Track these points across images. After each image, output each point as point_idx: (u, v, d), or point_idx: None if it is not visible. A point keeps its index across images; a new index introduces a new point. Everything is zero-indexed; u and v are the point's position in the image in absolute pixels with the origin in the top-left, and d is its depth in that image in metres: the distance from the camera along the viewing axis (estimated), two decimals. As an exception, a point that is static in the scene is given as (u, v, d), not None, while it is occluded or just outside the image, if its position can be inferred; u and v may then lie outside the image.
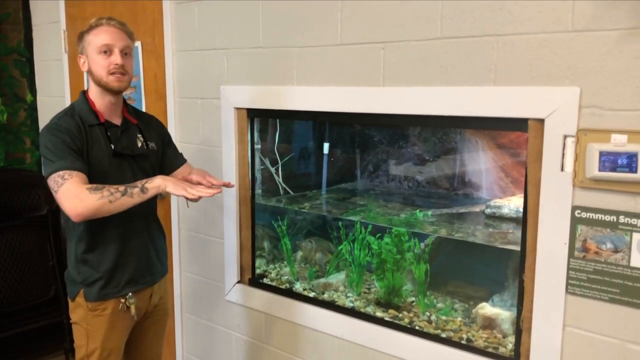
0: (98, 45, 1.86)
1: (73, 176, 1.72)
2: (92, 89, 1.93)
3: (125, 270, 1.95)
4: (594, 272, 1.58)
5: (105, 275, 1.92)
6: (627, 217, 1.52)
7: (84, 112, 1.90)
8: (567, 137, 1.58)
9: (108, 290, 1.93)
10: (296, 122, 2.83)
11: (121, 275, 1.94)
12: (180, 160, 2.18)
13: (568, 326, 1.64)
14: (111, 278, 1.93)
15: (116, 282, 1.94)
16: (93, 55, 1.87)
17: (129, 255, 1.96)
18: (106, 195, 1.70)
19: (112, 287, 1.93)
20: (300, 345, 2.34)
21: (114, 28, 1.89)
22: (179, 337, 2.91)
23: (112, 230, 1.92)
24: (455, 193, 2.59)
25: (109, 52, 1.86)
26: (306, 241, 2.67)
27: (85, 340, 1.96)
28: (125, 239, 1.95)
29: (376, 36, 1.95)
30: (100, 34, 1.87)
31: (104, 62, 1.86)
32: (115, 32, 1.88)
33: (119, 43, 1.87)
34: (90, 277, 1.91)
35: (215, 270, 2.65)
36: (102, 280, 1.91)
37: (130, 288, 1.97)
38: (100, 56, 1.86)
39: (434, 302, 2.25)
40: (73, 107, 1.93)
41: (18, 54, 3.58)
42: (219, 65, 2.47)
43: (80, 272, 1.93)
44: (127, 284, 1.96)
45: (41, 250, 3.31)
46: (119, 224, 1.91)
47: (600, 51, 1.52)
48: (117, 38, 1.88)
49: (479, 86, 1.74)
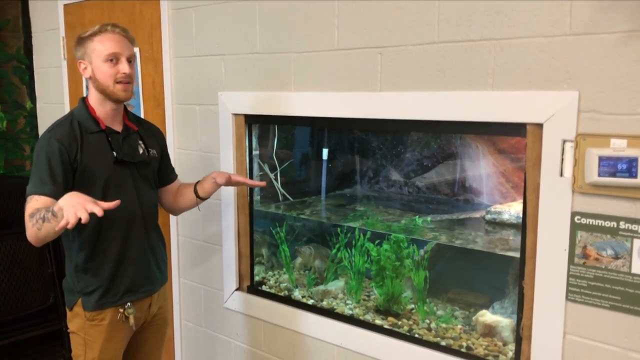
0: (105, 54, 1.82)
1: (33, 200, 1.73)
2: (93, 95, 1.90)
3: (124, 279, 1.93)
4: (594, 279, 1.56)
5: (104, 285, 1.90)
6: (627, 223, 1.50)
7: (84, 119, 1.88)
8: (566, 142, 1.56)
9: (106, 300, 1.91)
10: (295, 128, 2.82)
11: (120, 285, 1.93)
12: (173, 176, 2.17)
13: (568, 334, 1.62)
14: (110, 287, 1.91)
15: (115, 291, 1.92)
16: (98, 63, 1.84)
17: (128, 264, 1.94)
18: (34, 223, 1.68)
19: (111, 296, 1.92)
20: (300, 353, 2.32)
21: (119, 35, 1.86)
22: (177, 345, 2.89)
23: (112, 240, 1.90)
24: (455, 199, 2.57)
25: (116, 61, 1.84)
26: (305, 247, 2.65)
27: (83, 350, 1.94)
28: (125, 248, 1.93)
29: (373, 41, 1.94)
30: (106, 42, 1.84)
31: (111, 70, 1.83)
32: (120, 40, 1.86)
33: (125, 51, 1.86)
34: (88, 286, 1.90)
35: (213, 278, 2.63)
36: (100, 290, 1.90)
37: (129, 297, 1.95)
38: (107, 64, 1.83)
39: (433, 309, 2.22)
40: (72, 114, 1.91)
41: (17, 61, 3.59)
42: (217, 72, 2.46)
43: (79, 281, 1.91)
44: (126, 293, 1.94)
45: (40, 258, 3.30)
46: (118, 233, 1.90)
47: (598, 55, 1.50)
48: (124, 46, 1.86)
49: (476, 91, 1.72)
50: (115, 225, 1.88)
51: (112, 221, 1.87)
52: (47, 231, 1.67)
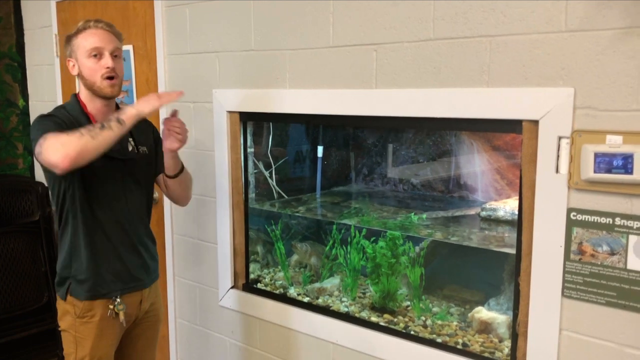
0: (87, 49, 1.84)
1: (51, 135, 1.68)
2: (83, 92, 1.92)
3: (113, 270, 1.93)
4: (590, 275, 1.56)
5: (95, 272, 1.90)
6: (623, 219, 1.50)
7: (75, 113, 1.89)
8: (562, 138, 1.56)
9: (97, 290, 1.90)
10: (290, 125, 2.82)
11: (108, 274, 1.92)
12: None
13: (564, 330, 1.62)
14: (100, 275, 1.90)
15: (103, 281, 1.91)
16: (83, 59, 1.86)
17: (115, 255, 1.94)
18: (85, 133, 1.64)
19: (101, 285, 1.91)
20: (295, 351, 2.31)
21: (102, 30, 1.87)
22: (172, 344, 2.88)
23: (99, 231, 1.91)
24: (451, 196, 2.57)
25: (99, 56, 1.85)
26: (301, 243, 2.64)
27: (74, 347, 1.93)
28: (112, 240, 1.93)
29: (368, 38, 1.93)
30: (89, 37, 1.85)
31: (95, 65, 1.85)
32: (103, 34, 1.87)
33: (109, 46, 1.86)
34: (79, 274, 1.90)
35: (208, 276, 2.62)
36: (91, 279, 1.89)
37: (119, 287, 1.94)
38: (91, 60, 1.85)
39: (429, 306, 2.23)
40: (64, 106, 1.93)
41: (10, 59, 3.56)
42: (211, 69, 2.45)
43: (69, 267, 1.91)
44: (116, 283, 1.93)
45: (33, 256, 3.29)
46: (105, 225, 1.91)
47: (594, 51, 1.50)
48: (107, 40, 1.87)
49: (472, 88, 1.72)
50: (103, 219, 1.90)
51: (100, 213, 1.90)
52: (104, 139, 1.65)
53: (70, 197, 1.87)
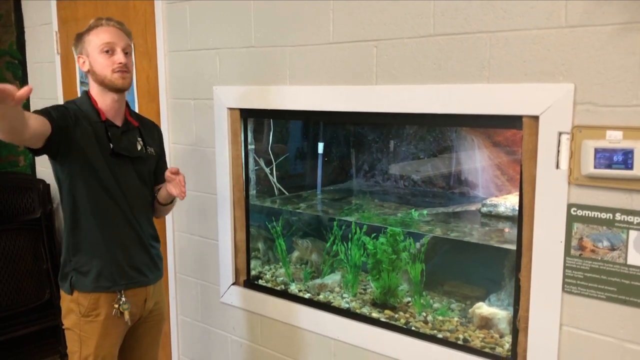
0: (100, 45, 1.87)
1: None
2: (94, 88, 1.93)
3: (119, 263, 1.94)
4: (590, 270, 1.56)
5: (99, 265, 1.90)
6: (623, 215, 1.50)
7: (86, 107, 1.91)
8: (562, 134, 1.56)
9: (101, 283, 1.90)
10: (290, 122, 2.81)
11: (114, 268, 1.93)
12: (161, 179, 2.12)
13: (565, 325, 1.62)
14: (104, 268, 1.91)
15: (109, 272, 1.92)
16: (95, 54, 1.88)
17: (119, 250, 1.94)
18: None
19: (106, 278, 1.91)
20: (296, 347, 2.32)
21: (113, 28, 1.91)
22: (174, 340, 2.89)
23: (103, 225, 1.92)
24: (451, 192, 2.57)
25: (111, 52, 1.88)
26: (302, 240, 2.65)
27: (79, 346, 1.93)
28: (116, 235, 1.94)
29: (368, 34, 1.93)
30: (101, 34, 1.89)
31: (107, 61, 1.87)
32: (115, 31, 1.91)
33: (121, 42, 1.90)
34: (82, 266, 1.90)
35: (210, 273, 2.63)
36: (95, 270, 1.90)
37: (123, 281, 1.94)
38: (103, 55, 1.88)
39: (430, 302, 2.23)
40: (74, 101, 1.95)
41: (10, 56, 3.56)
42: (212, 66, 2.45)
43: (72, 260, 1.92)
44: (121, 277, 1.94)
45: (35, 253, 3.30)
46: (110, 220, 1.92)
47: (594, 47, 1.50)
48: (118, 37, 1.90)
49: (472, 83, 1.72)
50: (110, 214, 1.91)
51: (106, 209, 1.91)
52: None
53: (77, 191, 1.88)
